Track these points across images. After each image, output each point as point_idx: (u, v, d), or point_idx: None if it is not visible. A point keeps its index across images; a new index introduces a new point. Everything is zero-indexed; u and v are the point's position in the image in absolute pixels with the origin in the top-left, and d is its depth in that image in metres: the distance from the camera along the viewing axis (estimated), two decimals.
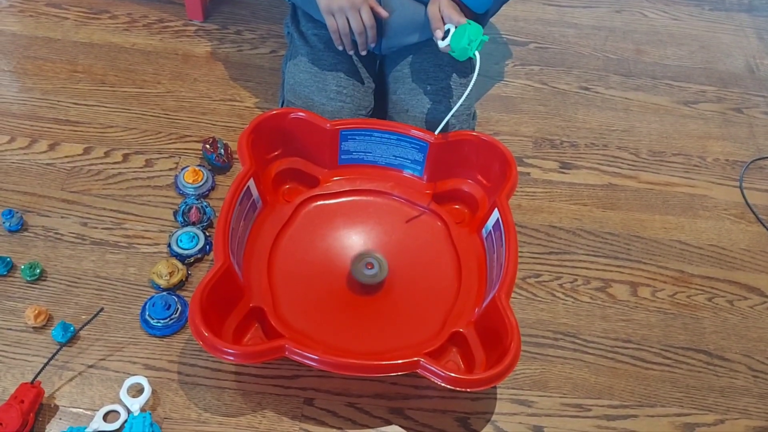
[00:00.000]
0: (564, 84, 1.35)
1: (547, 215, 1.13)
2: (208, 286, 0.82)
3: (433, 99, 1.08)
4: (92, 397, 0.87)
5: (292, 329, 0.89)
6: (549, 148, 1.23)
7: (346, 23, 1.02)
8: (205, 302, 0.81)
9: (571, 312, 1.02)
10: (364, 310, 0.95)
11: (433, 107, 1.08)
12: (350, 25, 1.02)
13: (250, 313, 0.90)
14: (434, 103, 1.08)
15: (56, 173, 1.10)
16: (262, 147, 1.01)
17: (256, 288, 0.92)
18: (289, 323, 0.90)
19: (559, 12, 1.51)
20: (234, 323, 0.88)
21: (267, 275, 0.94)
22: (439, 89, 1.09)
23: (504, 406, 0.92)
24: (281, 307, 0.92)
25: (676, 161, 1.24)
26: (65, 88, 1.23)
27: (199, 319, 0.79)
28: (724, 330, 1.02)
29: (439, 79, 1.10)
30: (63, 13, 1.36)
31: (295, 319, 0.91)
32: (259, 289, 0.92)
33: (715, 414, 0.93)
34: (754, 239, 1.13)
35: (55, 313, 0.94)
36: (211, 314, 0.82)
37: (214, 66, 1.29)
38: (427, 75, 1.10)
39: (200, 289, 0.82)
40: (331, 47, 1.09)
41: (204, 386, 0.89)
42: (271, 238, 0.98)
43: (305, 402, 0.89)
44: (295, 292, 0.95)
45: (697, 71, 1.41)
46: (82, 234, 1.03)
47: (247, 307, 0.89)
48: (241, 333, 0.89)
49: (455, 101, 1.09)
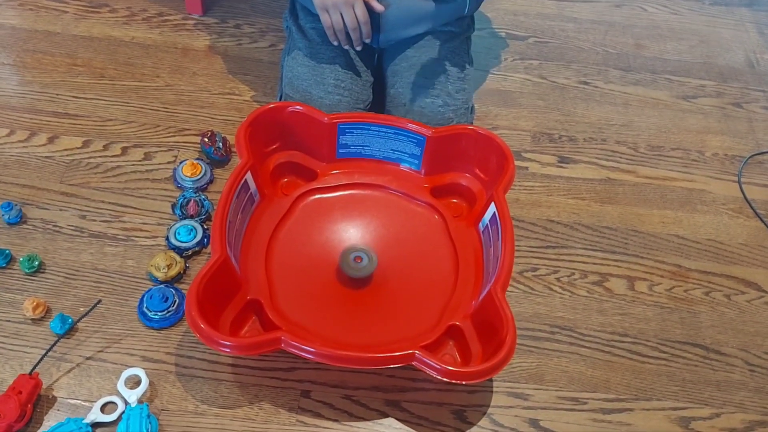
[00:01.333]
0: (563, 78, 1.35)
1: (544, 209, 1.13)
2: (205, 279, 0.83)
3: (431, 93, 1.08)
4: (90, 389, 0.88)
5: (289, 322, 0.89)
6: (547, 142, 1.23)
7: (340, 19, 1.02)
8: (201, 295, 0.81)
9: (568, 306, 1.02)
10: (362, 302, 0.95)
11: (431, 101, 1.08)
12: (344, 20, 1.02)
13: (247, 305, 0.90)
14: (432, 97, 1.08)
15: (55, 166, 1.10)
16: (259, 140, 1.02)
17: (254, 281, 0.93)
18: (286, 316, 0.90)
19: (558, 6, 1.50)
20: (231, 315, 0.88)
21: (264, 268, 0.94)
22: (437, 83, 1.09)
23: (500, 399, 0.92)
24: (278, 299, 0.92)
25: (674, 156, 1.23)
26: (64, 81, 1.23)
27: (195, 311, 0.80)
28: (721, 324, 1.02)
29: (436, 72, 1.10)
30: (62, 7, 1.36)
31: (293, 312, 0.91)
32: (257, 281, 0.93)
33: (711, 408, 0.94)
34: (752, 234, 1.13)
35: (54, 305, 0.95)
36: (207, 307, 0.83)
37: (213, 60, 1.29)
38: (425, 69, 1.10)
39: (197, 281, 0.82)
40: (328, 41, 1.09)
41: (201, 378, 0.90)
42: (269, 231, 0.99)
43: (302, 394, 0.90)
44: (293, 284, 0.95)
45: (697, 66, 1.41)
46: (80, 226, 1.03)
47: (245, 300, 0.90)
48: (238, 325, 0.89)
49: (453, 95, 1.09)
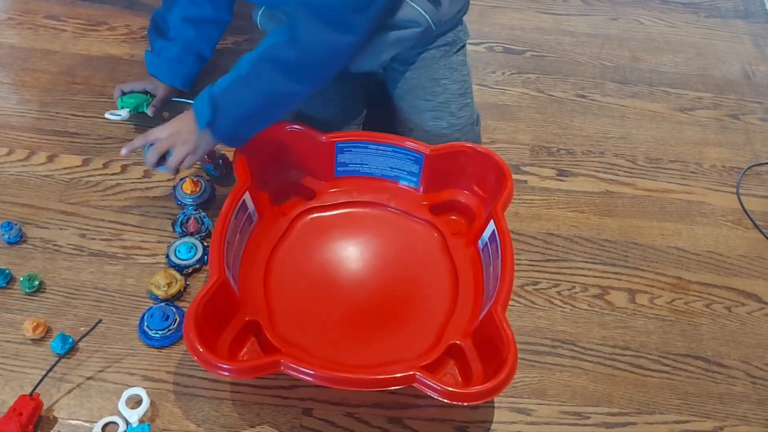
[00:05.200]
0: (560, 92, 1.35)
1: (544, 222, 1.13)
2: (203, 301, 0.82)
3: (433, 116, 1.08)
4: (91, 409, 0.88)
5: (288, 343, 0.89)
6: (546, 155, 1.23)
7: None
8: (200, 317, 0.81)
9: (569, 319, 1.02)
10: (361, 322, 0.95)
11: (433, 124, 1.08)
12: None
13: (246, 326, 0.89)
14: (434, 120, 1.08)
15: (55, 185, 1.10)
16: (257, 160, 1.01)
17: (252, 302, 0.92)
18: (285, 336, 0.90)
19: (555, 20, 1.51)
20: (230, 337, 0.87)
21: (263, 289, 0.94)
22: (438, 105, 1.09)
23: (503, 414, 0.92)
24: (277, 320, 0.92)
25: (672, 168, 1.24)
26: (64, 99, 1.23)
27: (193, 334, 0.79)
28: (722, 336, 1.02)
29: (436, 93, 1.09)
30: (61, 25, 1.37)
31: (292, 333, 0.91)
32: (255, 302, 0.92)
33: (714, 421, 0.93)
34: (751, 245, 1.13)
35: (54, 325, 0.95)
36: (206, 329, 0.82)
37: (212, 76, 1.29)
38: (425, 91, 1.09)
39: (195, 304, 0.82)
40: None
41: (202, 397, 0.90)
42: (268, 251, 0.98)
43: (303, 412, 0.89)
44: (292, 305, 0.95)
45: (694, 78, 1.41)
46: (80, 245, 1.03)
47: (243, 321, 0.89)
48: (237, 347, 0.89)
49: (456, 114, 1.09)
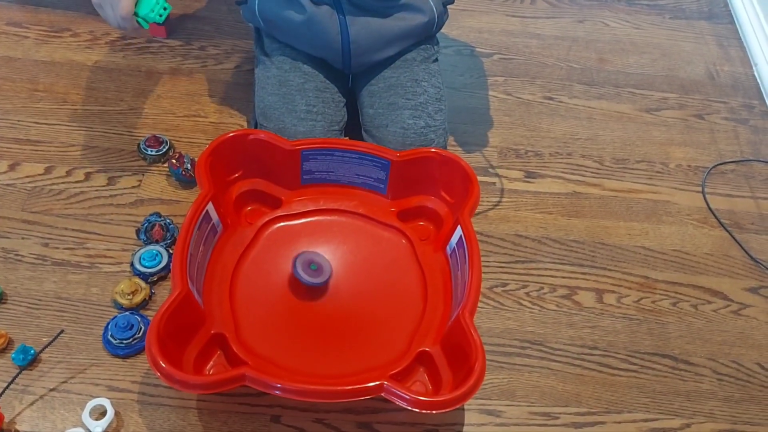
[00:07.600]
0: (528, 94, 1.36)
1: (512, 224, 1.14)
2: (165, 315, 0.80)
3: (412, 114, 1.08)
4: (54, 421, 0.86)
5: (255, 355, 0.87)
6: (514, 157, 1.24)
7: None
8: (162, 332, 0.79)
9: (538, 320, 1.02)
10: (330, 332, 0.94)
11: (412, 122, 1.08)
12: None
13: (211, 339, 0.88)
14: (414, 119, 1.08)
15: (17, 193, 1.08)
16: (221, 169, 1.00)
17: (218, 314, 0.90)
18: (252, 348, 0.88)
19: (522, 23, 1.52)
20: (195, 351, 0.86)
21: (229, 300, 0.92)
22: (418, 104, 1.09)
23: (472, 416, 0.92)
24: (243, 332, 0.90)
25: (639, 168, 1.25)
26: (26, 107, 1.21)
27: (156, 349, 0.77)
28: (688, 334, 1.03)
29: (416, 94, 1.10)
30: (23, 32, 1.35)
31: (259, 344, 0.89)
32: (221, 314, 0.91)
33: (681, 418, 0.94)
34: (716, 243, 1.15)
35: (15, 336, 0.93)
36: (169, 344, 0.80)
37: (178, 82, 1.28)
38: (405, 90, 1.10)
39: (157, 318, 0.80)
40: (297, 67, 1.09)
41: (168, 406, 0.88)
42: (233, 262, 0.97)
43: (272, 419, 0.89)
44: (258, 316, 0.93)
45: (659, 79, 1.43)
46: (43, 255, 1.01)
47: (209, 334, 0.88)
48: (203, 361, 0.87)
49: (434, 116, 1.09)
